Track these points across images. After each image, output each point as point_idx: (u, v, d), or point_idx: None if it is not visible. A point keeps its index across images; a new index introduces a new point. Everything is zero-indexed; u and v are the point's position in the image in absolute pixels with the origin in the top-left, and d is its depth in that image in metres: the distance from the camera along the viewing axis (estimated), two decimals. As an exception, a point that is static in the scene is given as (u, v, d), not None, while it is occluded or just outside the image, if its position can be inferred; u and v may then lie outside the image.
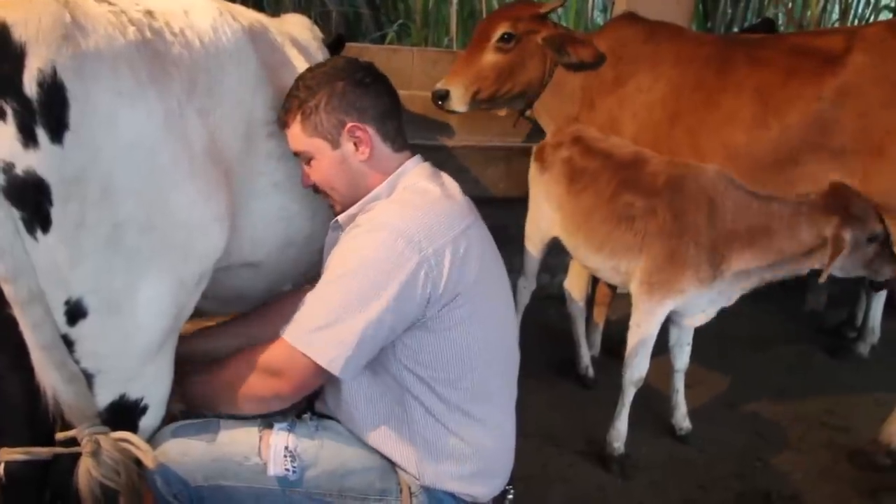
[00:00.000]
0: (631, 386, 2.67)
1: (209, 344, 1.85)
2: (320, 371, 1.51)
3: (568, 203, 2.83)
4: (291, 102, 1.65)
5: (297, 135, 1.65)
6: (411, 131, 1.76)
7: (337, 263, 1.56)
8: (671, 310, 2.61)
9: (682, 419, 2.92)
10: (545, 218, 2.99)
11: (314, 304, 1.54)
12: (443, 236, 1.54)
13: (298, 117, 1.64)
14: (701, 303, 2.62)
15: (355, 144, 1.64)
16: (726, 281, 2.55)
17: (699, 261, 2.49)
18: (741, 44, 2.97)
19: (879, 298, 3.69)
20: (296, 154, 1.70)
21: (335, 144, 1.64)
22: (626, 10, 3.38)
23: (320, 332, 1.50)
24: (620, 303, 3.28)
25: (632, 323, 2.66)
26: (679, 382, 2.90)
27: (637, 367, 2.65)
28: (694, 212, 2.51)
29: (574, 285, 3.29)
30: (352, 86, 1.64)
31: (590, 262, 2.82)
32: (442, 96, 3.14)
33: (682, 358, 2.87)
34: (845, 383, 3.50)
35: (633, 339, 2.64)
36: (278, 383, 1.56)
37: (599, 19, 5.51)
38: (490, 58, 3.09)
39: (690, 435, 2.92)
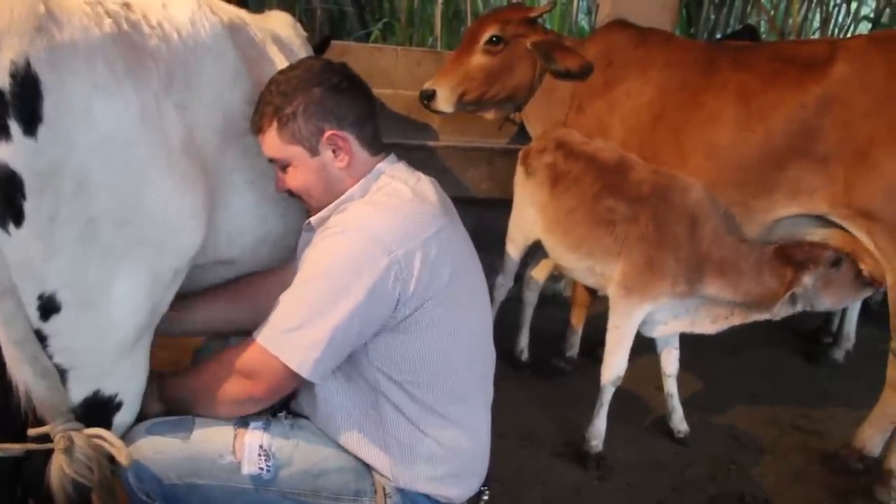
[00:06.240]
0: (609, 385, 2.70)
1: (179, 320, 1.78)
2: (293, 374, 1.51)
3: (550, 205, 2.85)
4: (265, 108, 1.59)
5: (274, 141, 1.60)
6: (394, 131, 1.75)
7: (308, 265, 1.56)
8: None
9: (679, 422, 2.94)
10: (528, 221, 3.01)
11: (286, 306, 1.54)
12: (414, 238, 1.53)
13: (275, 124, 1.58)
14: (665, 315, 2.66)
15: (334, 152, 1.61)
16: (697, 299, 2.60)
17: (677, 272, 2.54)
18: (728, 49, 3.00)
19: (855, 305, 3.72)
20: (271, 161, 1.65)
21: (314, 152, 1.61)
22: (612, 15, 3.40)
23: (291, 334, 1.50)
24: (599, 305, 3.29)
25: (610, 324, 2.68)
26: (672, 387, 2.92)
27: (615, 368, 2.68)
28: (676, 225, 2.55)
29: (538, 275, 3.37)
30: (329, 92, 1.60)
31: (565, 261, 2.85)
32: (429, 96, 3.13)
33: (672, 362, 2.89)
34: (820, 388, 3.54)
35: (610, 339, 2.68)
36: (252, 386, 1.56)
37: (584, 22, 5.52)
38: (478, 60, 3.10)
39: (664, 438, 2.94)
